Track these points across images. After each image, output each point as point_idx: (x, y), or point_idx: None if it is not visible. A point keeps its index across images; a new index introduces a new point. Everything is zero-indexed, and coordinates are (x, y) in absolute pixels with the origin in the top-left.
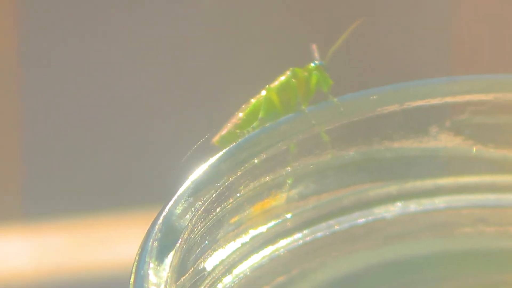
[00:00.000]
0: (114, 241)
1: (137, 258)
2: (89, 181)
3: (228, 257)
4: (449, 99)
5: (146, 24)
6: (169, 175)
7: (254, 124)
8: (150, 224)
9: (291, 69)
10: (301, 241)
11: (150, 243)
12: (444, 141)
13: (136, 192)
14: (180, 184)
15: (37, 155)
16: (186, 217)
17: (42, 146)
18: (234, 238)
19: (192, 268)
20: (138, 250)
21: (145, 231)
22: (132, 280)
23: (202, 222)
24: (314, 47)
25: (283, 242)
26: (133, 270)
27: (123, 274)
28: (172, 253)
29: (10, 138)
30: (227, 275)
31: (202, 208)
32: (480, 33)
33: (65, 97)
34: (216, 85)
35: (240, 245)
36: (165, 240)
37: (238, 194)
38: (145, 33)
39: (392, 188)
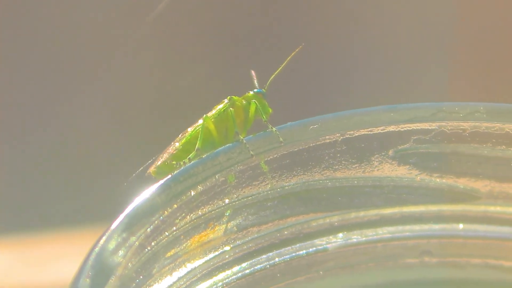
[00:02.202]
0: (53, 260)
1: None
2: (29, 199)
3: None
4: (392, 128)
5: None
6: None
7: (191, 155)
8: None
9: (228, 97)
10: (240, 274)
11: (81, 280)
12: (388, 171)
13: (76, 212)
14: (114, 218)
15: None
16: (120, 252)
17: None
18: (170, 272)
19: None
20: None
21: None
22: None
23: (136, 257)
24: (253, 73)
25: (221, 276)
26: None
27: None
28: None
29: None
30: None
31: (136, 243)
32: None
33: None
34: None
35: (176, 279)
36: (97, 277)
37: (174, 228)
38: None
39: (334, 218)
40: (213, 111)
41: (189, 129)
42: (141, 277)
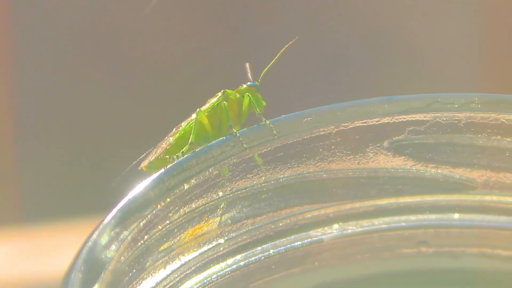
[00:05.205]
0: (49, 252)
1: None
2: (28, 191)
3: (157, 285)
4: (387, 120)
5: None
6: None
7: (184, 149)
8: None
9: (222, 90)
10: (234, 266)
11: (73, 275)
12: (383, 162)
13: (71, 205)
14: (106, 213)
15: None
16: (112, 247)
17: None
18: (163, 265)
19: None
20: (61, 283)
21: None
22: None
23: (129, 251)
24: (247, 66)
25: (215, 268)
26: None
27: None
28: (96, 286)
29: None
30: None
31: (129, 237)
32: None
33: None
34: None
35: (170, 272)
36: (89, 272)
37: (167, 221)
38: None
39: (329, 210)
40: (207, 105)
41: (183, 124)
42: (134, 270)
